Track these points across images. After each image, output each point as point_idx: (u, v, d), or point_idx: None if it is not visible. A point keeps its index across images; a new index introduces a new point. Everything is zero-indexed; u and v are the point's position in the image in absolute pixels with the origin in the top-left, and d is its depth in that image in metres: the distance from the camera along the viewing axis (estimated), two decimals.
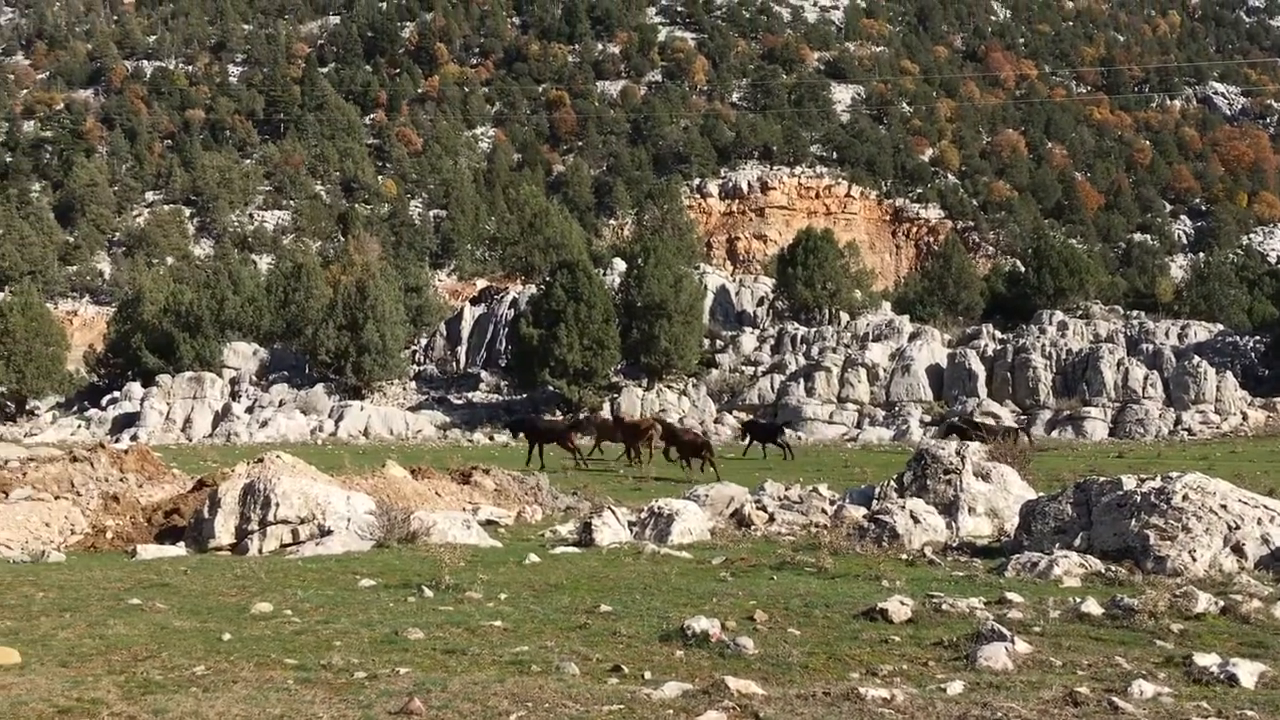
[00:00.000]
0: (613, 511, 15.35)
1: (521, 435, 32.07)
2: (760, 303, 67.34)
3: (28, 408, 63.66)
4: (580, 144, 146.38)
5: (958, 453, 16.43)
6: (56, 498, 16.06)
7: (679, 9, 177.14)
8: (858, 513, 15.54)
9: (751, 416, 46.15)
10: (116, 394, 58.99)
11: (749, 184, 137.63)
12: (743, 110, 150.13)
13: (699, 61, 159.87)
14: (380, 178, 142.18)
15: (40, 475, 17.36)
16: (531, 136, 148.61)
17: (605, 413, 44.70)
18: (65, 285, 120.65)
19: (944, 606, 9.24)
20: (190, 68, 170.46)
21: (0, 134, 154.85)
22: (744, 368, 57.51)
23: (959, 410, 47.26)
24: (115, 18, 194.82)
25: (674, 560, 12.72)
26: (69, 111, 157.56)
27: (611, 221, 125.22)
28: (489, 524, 16.62)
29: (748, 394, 54.00)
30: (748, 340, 60.21)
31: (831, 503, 17.25)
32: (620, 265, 64.84)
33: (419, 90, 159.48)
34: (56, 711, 6.33)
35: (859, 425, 50.14)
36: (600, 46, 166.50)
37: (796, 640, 8.24)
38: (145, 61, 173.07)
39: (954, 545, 13.71)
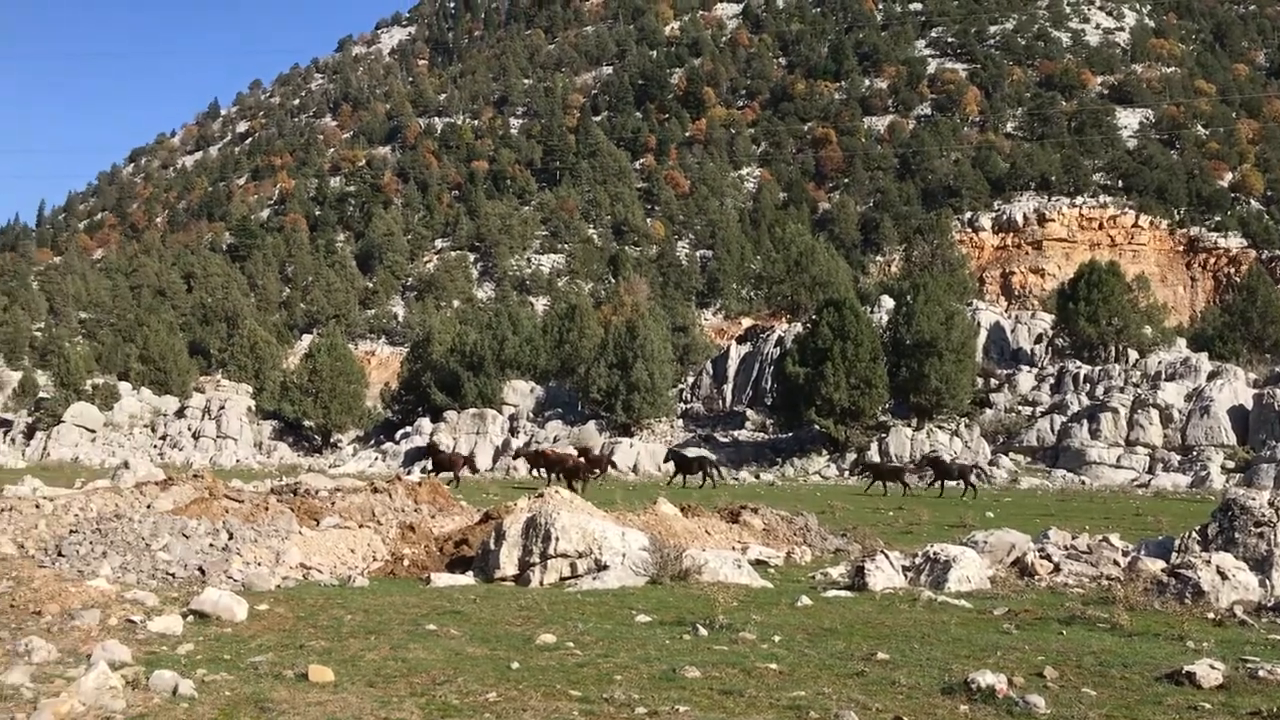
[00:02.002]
0: (885, 555, 14.97)
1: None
2: (1038, 340, 64.28)
3: (332, 440, 69.19)
4: (846, 181, 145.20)
5: (1271, 504, 15.02)
6: (360, 526, 17.31)
7: (949, 40, 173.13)
8: (1155, 566, 14.46)
9: (673, 447, 50.46)
10: (408, 429, 63.08)
11: (1025, 216, 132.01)
12: (1018, 140, 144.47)
13: (971, 92, 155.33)
14: (649, 220, 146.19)
15: (346, 505, 18.78)
16: (797, 175, 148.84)
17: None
18: (364, 327, 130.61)
19: (1260, 673, 8.45)
20: (476, 122, 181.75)
21: (311, 189, 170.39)
22: (1021, 408, 54.98)
23: (1268, 455, 43.28)
24: (410, 79, 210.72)
25: (952, 609, 12.26)
26: (369, 167, 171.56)
27: (878, 258, 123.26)
28: (758, 564, 16.57)
29: (1025, 435, 51.54)
30: (1025, 379, 57.55)
31: (1124, 554, 16.12)
32: (888, 302, 63.66)
33: (687, 134, 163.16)
34: None
35: (1150, 470, 46.77)
36: (867, 82, 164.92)
37: (1092, 701, 7.76)
38: (436, 118, 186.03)
39: (1269, 606, 12.49)
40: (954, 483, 38.29)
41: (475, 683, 8.05)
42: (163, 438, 66.08)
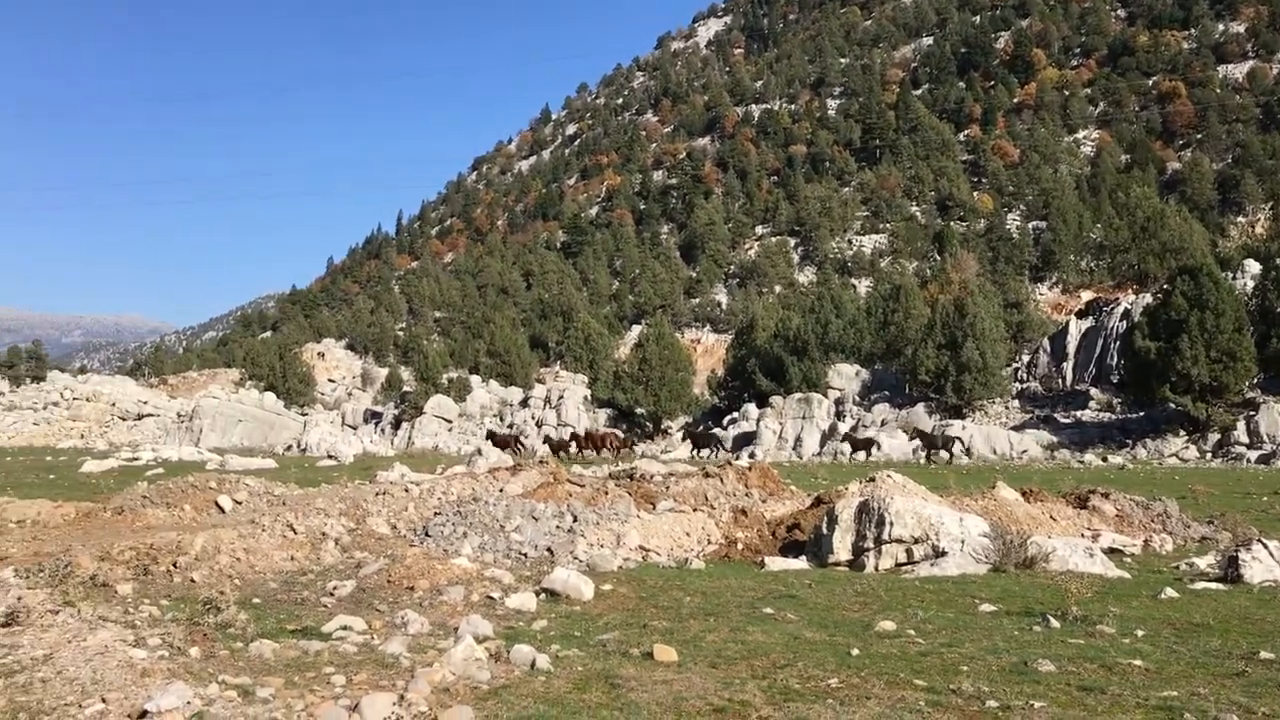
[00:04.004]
0: (1263, 544, 13.55)
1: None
2: None
3: (662, 427, 71.36)
4: (1199, 137, 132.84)
5: None
6: (694, 509, 17.71)
7: None
8: None
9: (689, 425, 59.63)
10: (735, 414, 63.95)
11: None
12: None
13: None
14: (976, 193, 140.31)
15: (679, 489, 19.29)
16: (1141, 134, 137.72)
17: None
18: (690, 316, 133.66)
19: None
20: (792, 106, 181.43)
21: (635, 184, 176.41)
22: None
23: None
24: (727, 69, 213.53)
25: None
26: (690, 159, 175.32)
27: (1239, 219, 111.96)
28: (1112, 552, 15.54)
29: None
30: None
31: None
32: (1253, 267, 57.70)
33: (1014, 100, 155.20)
34: (712, 710, 6.91)
35: None
36: (1221, 27, 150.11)
37: None
38: (753, 105, 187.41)
39: None
40: (941, 451, 44.47)
41: (815, 668, 7.99)
42: (509, 426, 70.63)
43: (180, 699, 6.66)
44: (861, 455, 47.47)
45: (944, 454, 46.38)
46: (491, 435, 51.35)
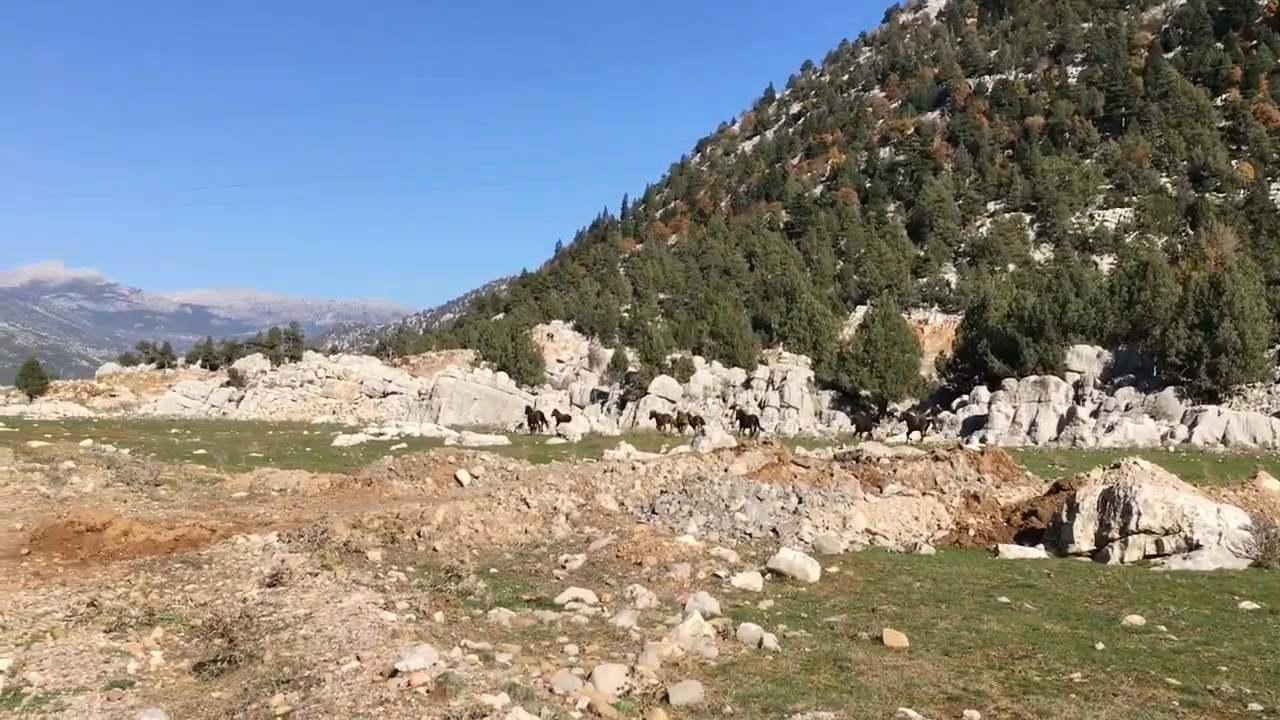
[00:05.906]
0: None
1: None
2: None
3: (888, 410, 69.89)
4: None
5: None
6: (923, 494, 17.27)
7: None
8: None
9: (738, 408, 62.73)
10: (965, 397, 61.92)
11: None
12: None
13: None
14: (1234, 162, 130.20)
15: (908, 472, 18.84)
16: None
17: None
18: (917, 296, 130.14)
19: None
20: (1029, 75, 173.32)
21: (861, 162, 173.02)
22: None
23: None
24: (959, 39, 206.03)
25: None
26: (918, 134, 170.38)
27: None
28: None
29: None
30: None
31: None
32: None
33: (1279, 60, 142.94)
34: (946, 698, 6.72)
35: None
36: None
37: None
38: (986, 77, 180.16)
39: None
40: (917, 432, 48.59)
41: (1056, 661, 7.64)
42: (732, 407, 70.83)
43: (427, 660, 7.02)
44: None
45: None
46: (528, 410, 58.81)
